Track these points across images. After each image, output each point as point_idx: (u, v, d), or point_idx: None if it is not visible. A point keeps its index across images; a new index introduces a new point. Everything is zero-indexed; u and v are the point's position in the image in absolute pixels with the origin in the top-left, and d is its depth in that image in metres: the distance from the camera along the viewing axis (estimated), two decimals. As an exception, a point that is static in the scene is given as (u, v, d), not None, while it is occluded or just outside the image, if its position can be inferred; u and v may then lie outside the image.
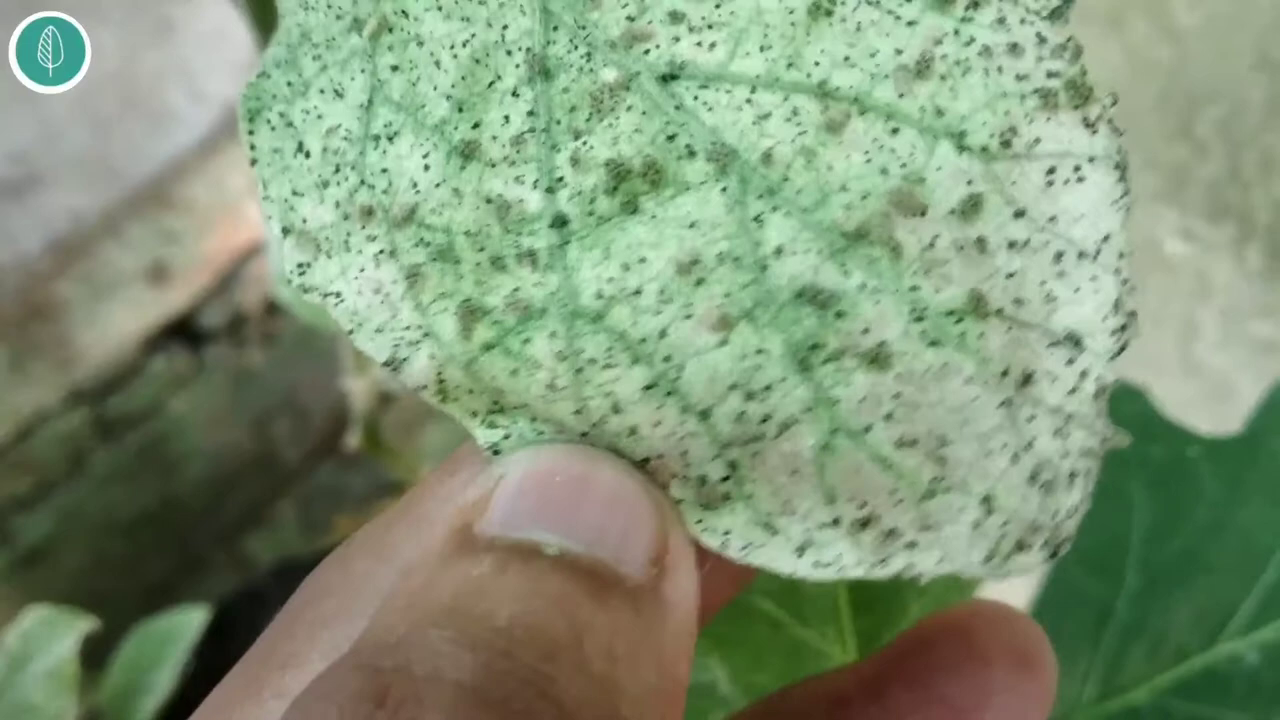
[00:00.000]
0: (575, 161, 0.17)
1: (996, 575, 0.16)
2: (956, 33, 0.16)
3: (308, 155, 0.18)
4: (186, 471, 1.05)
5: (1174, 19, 0.45)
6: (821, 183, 0.16)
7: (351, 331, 0.18)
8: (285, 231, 0.18)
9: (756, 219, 0.16)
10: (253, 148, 0.19)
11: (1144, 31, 0.46)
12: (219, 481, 1.07)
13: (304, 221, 0.18)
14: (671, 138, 0.17)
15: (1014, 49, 0.16)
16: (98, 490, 0.99)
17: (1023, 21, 0.16)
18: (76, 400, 0.93)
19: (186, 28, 0.99)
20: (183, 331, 0.96)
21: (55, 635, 0.42)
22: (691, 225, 0.16)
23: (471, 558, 0.15)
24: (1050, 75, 0.16)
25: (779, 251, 0.16)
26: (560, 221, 0.17)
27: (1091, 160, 0.16)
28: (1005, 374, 0.16)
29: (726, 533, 0.16)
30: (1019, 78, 0.16)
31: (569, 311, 0.17)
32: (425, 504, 0.17)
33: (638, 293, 0.16)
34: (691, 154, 0.16)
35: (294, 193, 0.18)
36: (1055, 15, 0.16)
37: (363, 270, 0.18)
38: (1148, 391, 0.38)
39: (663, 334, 0.16)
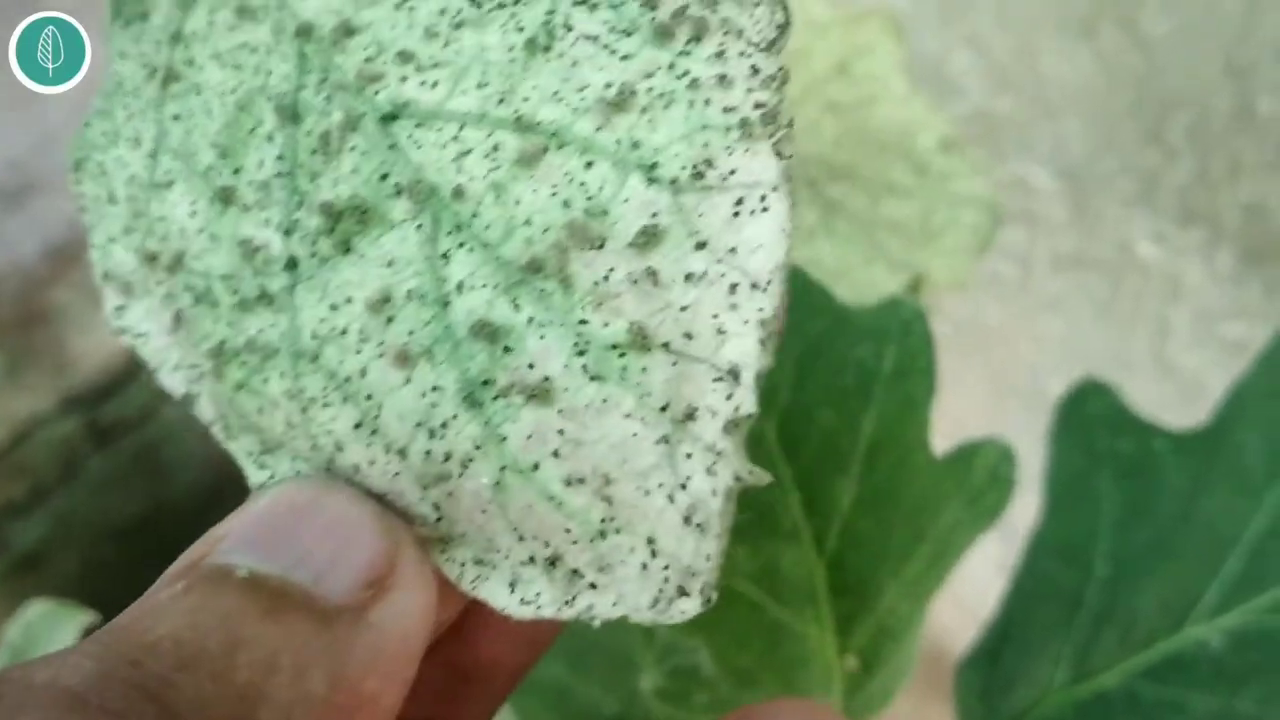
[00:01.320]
0: (303, 204, 0.17)
1: (662, 620, 0.16)
2: (672, 66, 0.16)
3: (116, 203, 0.19)
4: (179, 477, 1.03)
5: (1143, 28, 0.46)
6: (508, 217, 0.16)
7: (156, 369, 0.18)
8: (104, 277, 0.19)
9: (444, 255, 0.16)
10: (81, 195, 0.19)
11: (1115, 40, 0.47)
12: (210, 487, 1.05)
13: (118, 266, 0.19)
14: (384, 177, 0.16)
15: (724, 80, 0.16)
16: (91, 496, 0.98)
17: (741, 54, 0.16)
18: (71, 406, 0.92)
19: (181, 38, 0.98)
20: (177, 338, 0.96)
21: (56, 628, 0.43)
22: (389, 264, 0.16)
23: (171, 584, 0.16)
24: (757, 106, 0.16)
25: (460, 287, 0.16)
26: (292, 264, 0.17)
27: (775, 189, 0.15)
28: (665, 409, 0.15)
29: (462, 564, 0.17)
30: (725, 110, 0.16)
31: (294, 351, 0.17)
32: None
33: (344, 332, 0.16)
34: (399, 193, 0.16)
35: (109, 239, 0.19)
36: (772, 46, 0.16)
37: (153, 318, 0.18)
38: (1118, 388, 0.39)
39: (363, 373, 0.16)
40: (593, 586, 0.16)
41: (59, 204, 0.91)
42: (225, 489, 1.07)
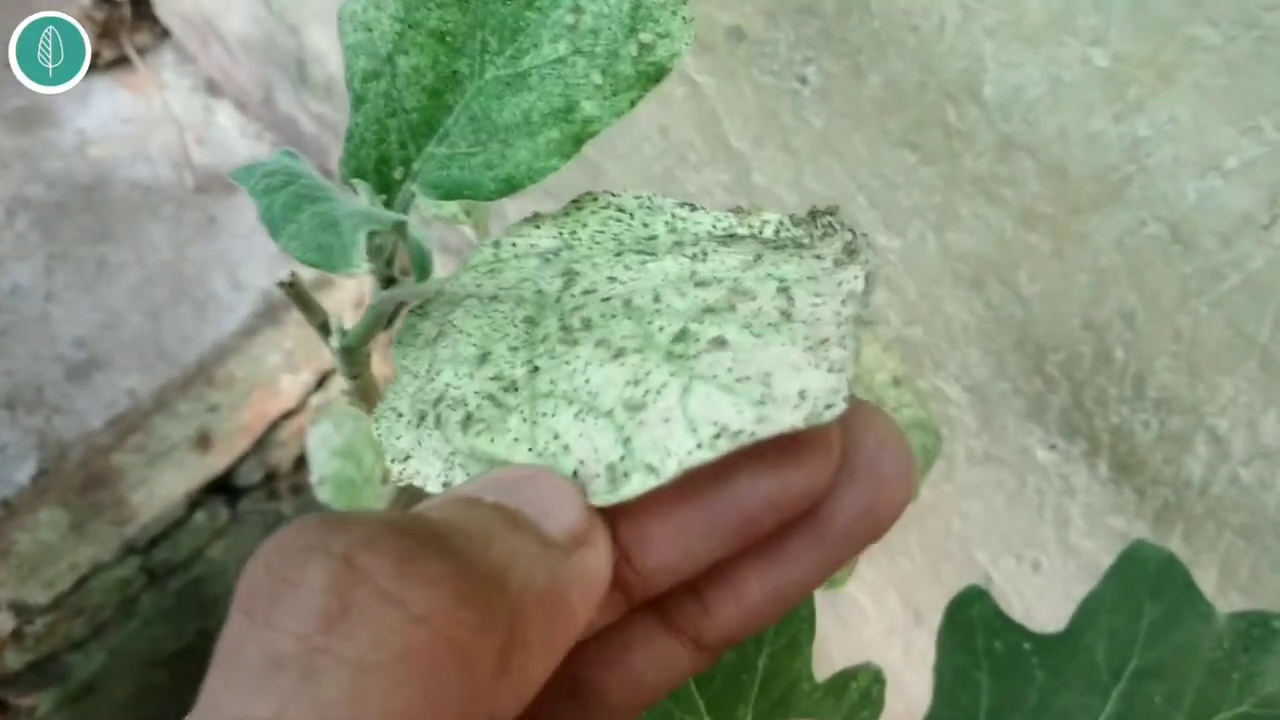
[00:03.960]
0: (539, 344, 0.27)
1: (814, 424, 0.22)
2: (775, 252, 0.27)
3: (401, 415, 0.28)
4: (221, 609, 1.07)
5: (1020, 287, 0.54)
6: (691, 301, 0.26)
7: (424, 485, 0.27)
8: (393, 460, 0.28)
9: (650, 321, 0.26)
10: (379, 427, 0.29)
11: (999, 294, 0.55)
12: (251, 617, 1.10)
13: (402, 448, 0.28)
14: (603, 314, 0.26)
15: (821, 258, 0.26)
16: (143, 629, 1.04)
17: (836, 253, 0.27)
18: (128, 552, 0.99)
19: (228, 224, 1.07)
20: (222, 488, 1.02)
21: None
22: (612, 330, 0.26)
23: (436, 504, 0.23)
24: (843, 249, 0.26)
25: (660, 329, 0.25)
26: (533, 368, 0.27)
27: (858, 274, 0.25)
28: (808, 340, 0.23)
29: (624, 497, 0.23)
30: (817, 256, 0.26)
31: (532, 398, 0.26)
32: None
33: (574, 371, 0.26)
34: (615, 316, 0.26)
35: (397, 436, 0.28)
36: (851, 256, 0.26)
37: (424, 449, 0.27)
38: (993, 592, 0.47)
39: (587, 381, 0.25)
40: (753, 434, 0.23)
41: (120, 378, 0.99)
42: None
